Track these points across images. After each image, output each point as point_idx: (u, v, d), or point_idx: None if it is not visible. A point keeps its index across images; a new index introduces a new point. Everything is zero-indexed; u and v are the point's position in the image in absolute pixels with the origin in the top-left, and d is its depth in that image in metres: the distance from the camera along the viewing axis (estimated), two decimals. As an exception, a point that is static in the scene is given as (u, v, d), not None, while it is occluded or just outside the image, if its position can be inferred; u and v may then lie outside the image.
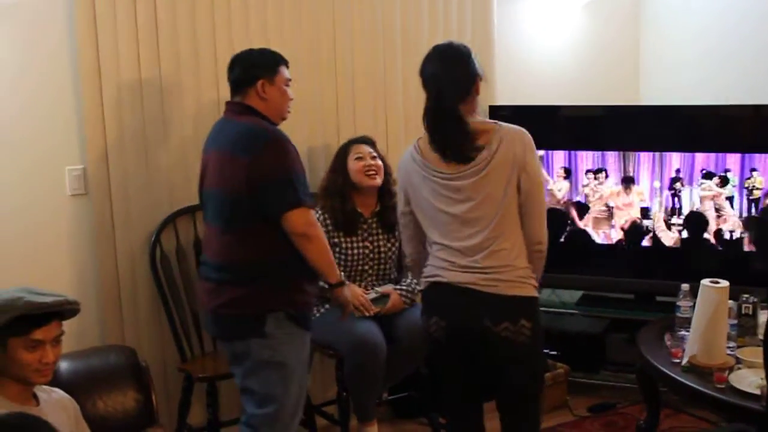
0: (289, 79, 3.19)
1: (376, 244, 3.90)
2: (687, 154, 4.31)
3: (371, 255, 3.89)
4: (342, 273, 3.57)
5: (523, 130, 2.88)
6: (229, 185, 2.98)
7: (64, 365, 2.89)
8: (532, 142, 2.87)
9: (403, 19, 4.33)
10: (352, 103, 4.21)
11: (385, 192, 3.90)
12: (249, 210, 2.97)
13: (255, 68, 3.11)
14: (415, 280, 3.86)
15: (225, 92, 3.79)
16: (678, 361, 3.27)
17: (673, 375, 3.23)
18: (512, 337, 2.79)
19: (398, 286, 3.89)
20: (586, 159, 4.45)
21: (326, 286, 3.21)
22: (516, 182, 2.81)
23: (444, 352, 2.97)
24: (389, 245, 3.92)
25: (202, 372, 3.65)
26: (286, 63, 3.20)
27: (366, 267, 3.90)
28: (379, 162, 3.87)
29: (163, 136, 3.73)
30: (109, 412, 2.89)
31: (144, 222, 3.70)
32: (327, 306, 3.61)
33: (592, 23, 5.03)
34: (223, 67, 3.42)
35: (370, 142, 3.94)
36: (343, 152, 3.88)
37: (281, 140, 3.00)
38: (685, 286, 3.55)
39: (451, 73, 2.85)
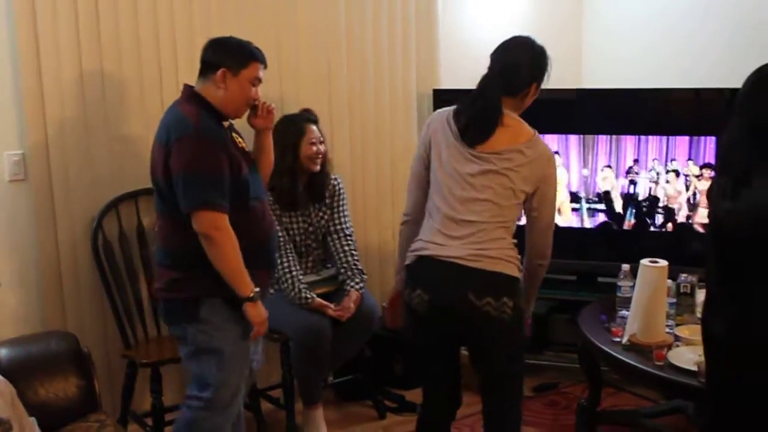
0: (259, 79, 3.05)
1: (312, 217, 3.92)
2: (642, 140, 4.40)
3: (311, 229, 3.90)
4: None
5: (552, 152, 2.96)
6: (157, 173, 2.95)
7: (3, 352, 2.85)
8: (555, 162, 2.96)
9: (348, 4, 4.33)
10: (297, 96, 4.18)
11: (321, 169, 3.90)
12: (170, 200, 2.92)
13: (223, 56, 2.98)
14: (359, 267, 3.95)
15: (168, 79, 3.79)
16: (618, 339, 3.33)
17: (613, 353, 3.29)
18: (494, 313, 2.78)
19: (354, 284, 3.90)
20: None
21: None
22: (529, 192, 2.85)
23: (424, 325, 2.94)
24: (321, 215, 3.95)
25: (146, 357, 3.62)
26: (263, 62, 3.06)
27: (310, 242, 3.91)
28: (323, 147, 3.88)
29: (104, 122, 3.68)
30: (50, 398, 2.85)
31: (85, 208, 3.66)
32: (272, 291, 3.59)
33: (536, 9, 5.08)
34: (165, 54, 3.40)
35: (316, 120, 3.94)
36: (298, 131, 3.82)
37: (203, 136, 2.87)
38: (625, 267, 3.62)
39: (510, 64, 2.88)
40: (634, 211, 4.43)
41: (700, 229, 4.22)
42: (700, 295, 3.42)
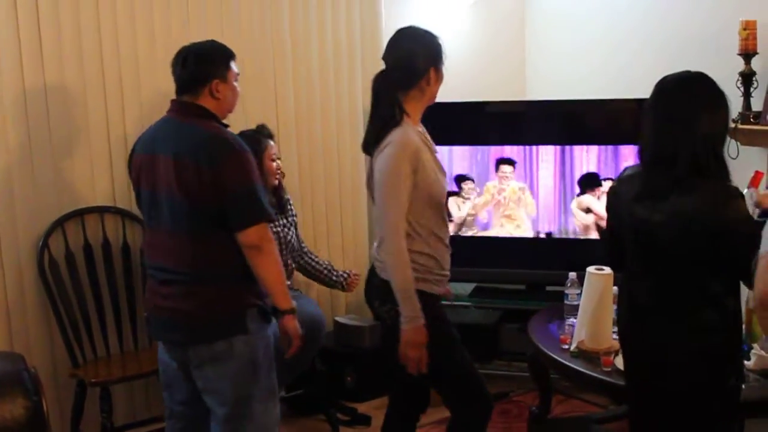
0: (238, 74, 3.04)
1: (274, 231, 3.91)
2: (587, 149, 4.47)
3: (281, 244, 3.91)
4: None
5: (398, 138, 2.86)
6: (191, 194, 2.83)
7: (-52, 374, 2.80)
8: (394, 155, 2.84)
9: (292, 16, 4.34)
10: (243, 111, 4.15)
11: (279, 183, 3.96)
12: (212, 218, 2.86)
13: (210, 67, 2.94)
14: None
15: (112, 90, 3.76)
16: (567, 347, 3.38)
17: (562, 361, 3.34)
18: (382, 316, 2.94)
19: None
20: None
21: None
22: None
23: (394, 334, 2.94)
24: (287, 230, 3.98)
25: (95, 377, 3.57)
26: (234, 57, 3.04)
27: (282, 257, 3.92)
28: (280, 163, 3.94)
29: (48, 141, 3.65)
30: (-3, 420, 2.80)
31: (31, 227, 3.62)
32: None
33: (479, 20, 5.13)
34: (108, 67, 3.34)
35: (272, 136, 3.97)
36: (260, 147, 3.79)
37: (244, 150, 2.88)
38: (572, 275, 3.67)
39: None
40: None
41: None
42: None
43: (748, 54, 3.98)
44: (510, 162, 4.54)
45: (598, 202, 4.38)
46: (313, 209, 4.53)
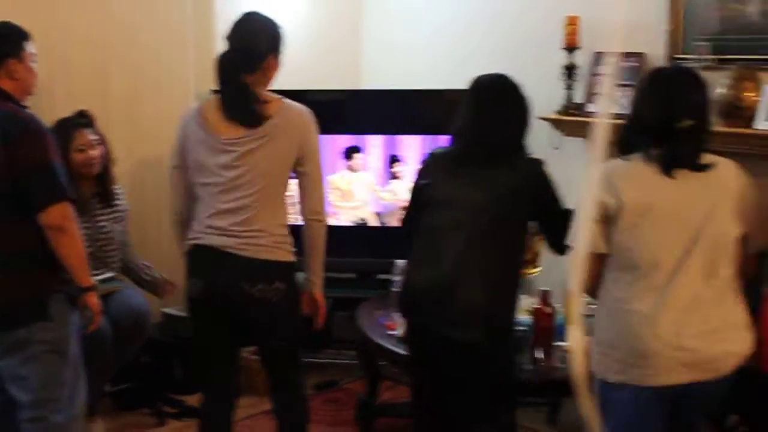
0: (34, 54, 2.98)
1: (99, 225, 3.78)
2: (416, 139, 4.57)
3: (95, 236, 3.76)
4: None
5: (307, 108, 2.99)
6: None
7: None
8: (314, 121, 2.99)
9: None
10: (70, 95, 4.01)
11: (105, 171, 3.81)
12: (8, 200, 2.79)
13: (4, 45, 2.89)
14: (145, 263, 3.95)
15: None
16: (393, 333, 3.43)
17: (388, 347, 3.39)
18: (267, 296, 2.89)
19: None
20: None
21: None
22: (293, 157, 2.92)
23: (199, 312, 3.01)
24: (111, 223, 3.83)
25: None
26: (29, 37, 2.98)
27: (91, 249, 3.76)
28: (98, 151, 3.76)
29: None
30: None
31: None
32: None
33: (313, 8, 5.13)
34: None
35: (89, 123, 3.79)
36: (64, 136, 3.64)
37: (41, 130, 2.84)
38: (399, 262, 3.71)
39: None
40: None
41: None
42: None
43: (571, 48, 4.16)
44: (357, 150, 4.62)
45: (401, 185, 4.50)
46: (143, 196, 4.41)
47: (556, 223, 2.81)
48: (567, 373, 3.20)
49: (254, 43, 2.91)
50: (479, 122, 2.89)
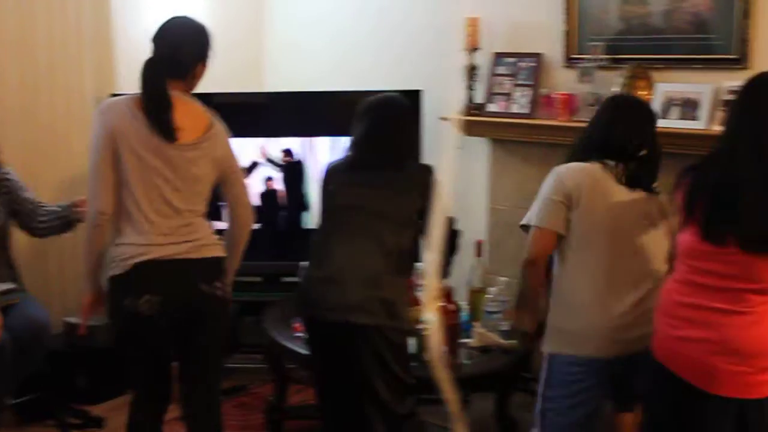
0: None
1: None
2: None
3: None
4: None
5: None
6: None
7: None
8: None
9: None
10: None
11: None
12: None
13: None
14: None
15: None
16: (300, 335, 3.42)
17: (295, 349, 3.38)
18: (222, 294, 2.94)
19: None
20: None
21: None
22: (221, 162, 2.92)
23: (155, 328, 2.86)
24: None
25: None
26: None
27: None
28: None
29: None
30: None
31: None
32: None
33: (213, 11, 5.07)
34: None
35: None
36: None
37: None
38: (303, 265, 3.71)
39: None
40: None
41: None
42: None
43: (471, 49, 4.22)
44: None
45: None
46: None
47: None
48: (473, 369, 3.31)
49: (181, 51, 2.86)
50: (371, 134, 3.09)
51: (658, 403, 2.50)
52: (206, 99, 3.03)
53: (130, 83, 4.40)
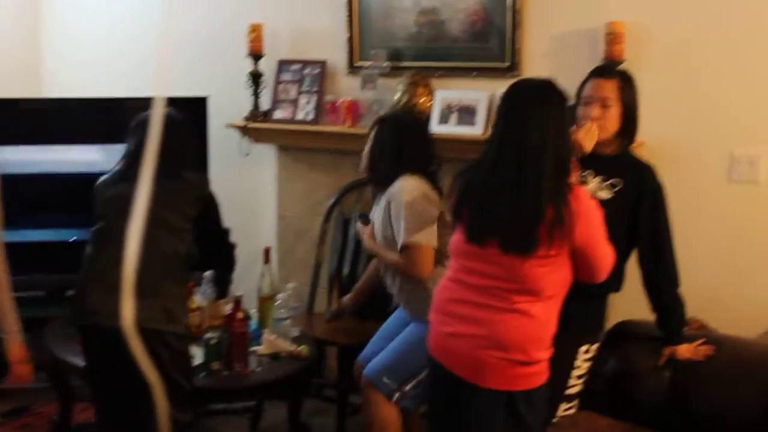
0: None
1: None
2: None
3: None
4: None
5: None
6: None
7: None
8: None
9: None
10: None
11: None
12: None
13: None
14: None
15: None
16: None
17: (80, 364, 3.26)
18: None
19: None
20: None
21: None
22: None
23: None
24: None
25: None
26: None
27: None
28: None
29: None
30: None
31: None
32: None
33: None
34: None
35: None
36: None
37: None
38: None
39: None
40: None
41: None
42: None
43: (255, 55, 4.22)
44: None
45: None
46: None
47: (214, 238, 3.23)
48: (263, 376, 3.31)
49: None
50: (142, 148, 2.99)
51: (437, 398, 2.61)
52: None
53: None
